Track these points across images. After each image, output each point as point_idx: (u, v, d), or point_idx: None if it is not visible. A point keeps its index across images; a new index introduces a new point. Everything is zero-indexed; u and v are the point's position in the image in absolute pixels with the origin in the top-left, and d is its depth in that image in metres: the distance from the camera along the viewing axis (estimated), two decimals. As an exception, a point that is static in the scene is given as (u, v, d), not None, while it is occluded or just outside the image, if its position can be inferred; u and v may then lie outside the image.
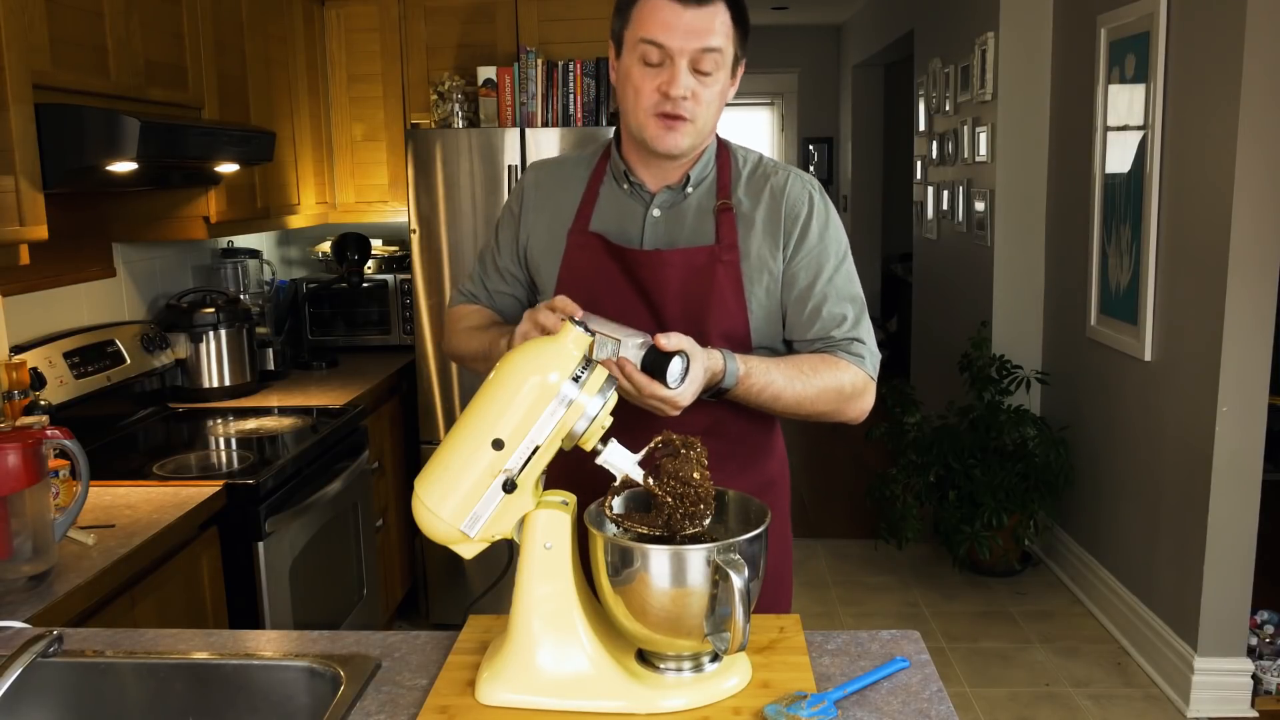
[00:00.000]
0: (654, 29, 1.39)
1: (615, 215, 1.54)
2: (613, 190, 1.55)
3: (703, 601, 1.09)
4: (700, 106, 1.42)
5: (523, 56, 3.39)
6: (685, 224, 1.51)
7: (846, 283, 1.51)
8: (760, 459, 1.60)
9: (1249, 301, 2.77)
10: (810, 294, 1.49)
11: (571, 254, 1.54)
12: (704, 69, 1.40)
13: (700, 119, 1.43)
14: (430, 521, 1.14)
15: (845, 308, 1.50)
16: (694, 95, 1.41)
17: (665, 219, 1.52)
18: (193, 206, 2.76)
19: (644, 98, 1.42)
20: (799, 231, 1.49)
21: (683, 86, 1.39)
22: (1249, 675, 2.96)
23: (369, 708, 1.17)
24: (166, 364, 2.88)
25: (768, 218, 1.50)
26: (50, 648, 1.17)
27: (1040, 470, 3.74)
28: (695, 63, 1.39)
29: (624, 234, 1.52)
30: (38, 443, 1.58)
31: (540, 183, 1.62)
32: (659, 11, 1.39)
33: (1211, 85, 2.83)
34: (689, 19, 1.38)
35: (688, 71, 1.39)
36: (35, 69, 1.94)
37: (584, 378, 1.15)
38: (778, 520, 1.61)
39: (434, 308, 3.40)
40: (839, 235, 1.53)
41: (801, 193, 1.51)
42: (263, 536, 2.22)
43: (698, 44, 1.38)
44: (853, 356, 1.49)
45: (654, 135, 1.43)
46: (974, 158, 4.48)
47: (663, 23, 1.38)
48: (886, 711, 1.14)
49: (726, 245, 1.48)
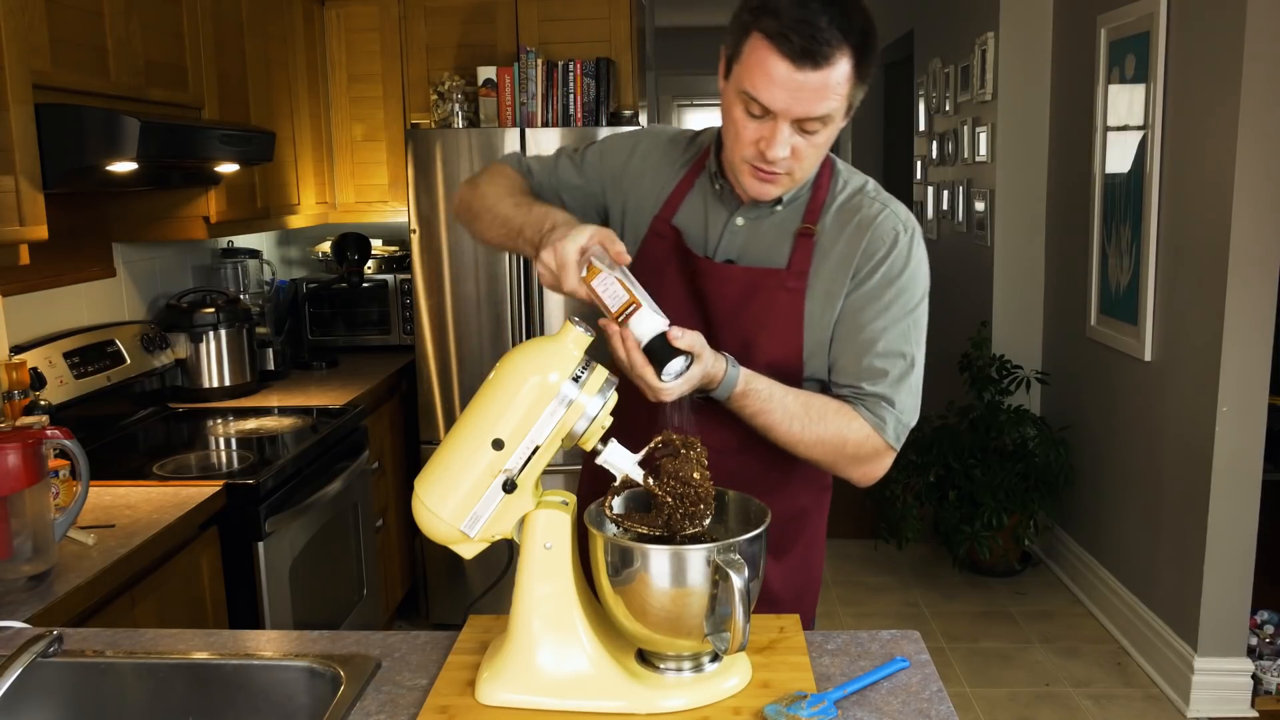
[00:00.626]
0: (759, 85, 1.25)
1: (700, 213, 1.47)
2: (704, 187, 1.47)
3: (703, 601, 1.09)
4: (801, 162, 1.32)
5: (523, 56, 3.39)
6: (763, 240, 1.43)
7: (900, 339, 1.39)
8: (792, 484, 1.50)
9: (1249, 301, 2.77)
10: (855, 338, 1.39)
11: (649, 241, 1.48)
12: (810, 129, 1.28)
13: (800, 171, 1.34)
14: (430, 521, 1.14)
15: (889, 364, 1.38)
16: (795, 153, 1.30)
17: (747, 230, 1.43)
18: (193, 206, 2.76)
19: (741, 146, 1.32)
20: (867, 270, 1.38)
21: (781, 148, 1.28)
22: (1249, 675, 2.96)
23: (369, 708, 1.17)
24: (166, 364, 2.88)
25: (845, 250, 1.40)
26: (50, 648, 1.17)
27: (1040, 470, 3.74)
28: (802, 123, 1.27)
29: (702, 235, 1.46)
30: (38, 443, 1.58)
31: (651, 154, 1.53)
32: (767, 66, 1.24)
33: (1211, 85, 2.83)
34: (800, 81, 1.23)
35: (791, 132, 1.28)
36: (35, 69, 1.94)
37: (584, 378, 1.15)
38: (803, 550, 1.55)
39: (434, 308, 3.40)
40: (912, 287, 1.40)
41: (888, 232, 1.39)
42: (263, 536, 2.21)
43: (805, 112, 1.25)
44: (874, 418, 1.38)
45: (747, 183, 1.35)
46: (974, 158, 4.48)
47: (769, 79, 1.24)
48: (886, 711, 1.14)
49: (796, 272, 1.39)
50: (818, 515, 1.59)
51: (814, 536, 1.59)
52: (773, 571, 1.50)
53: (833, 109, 1.26)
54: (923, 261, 1.42)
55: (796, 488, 1.52)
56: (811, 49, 1.22)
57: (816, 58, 1.22)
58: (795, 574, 1.55)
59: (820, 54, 1.22)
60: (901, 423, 1.40)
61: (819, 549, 1.61)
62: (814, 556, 1.60)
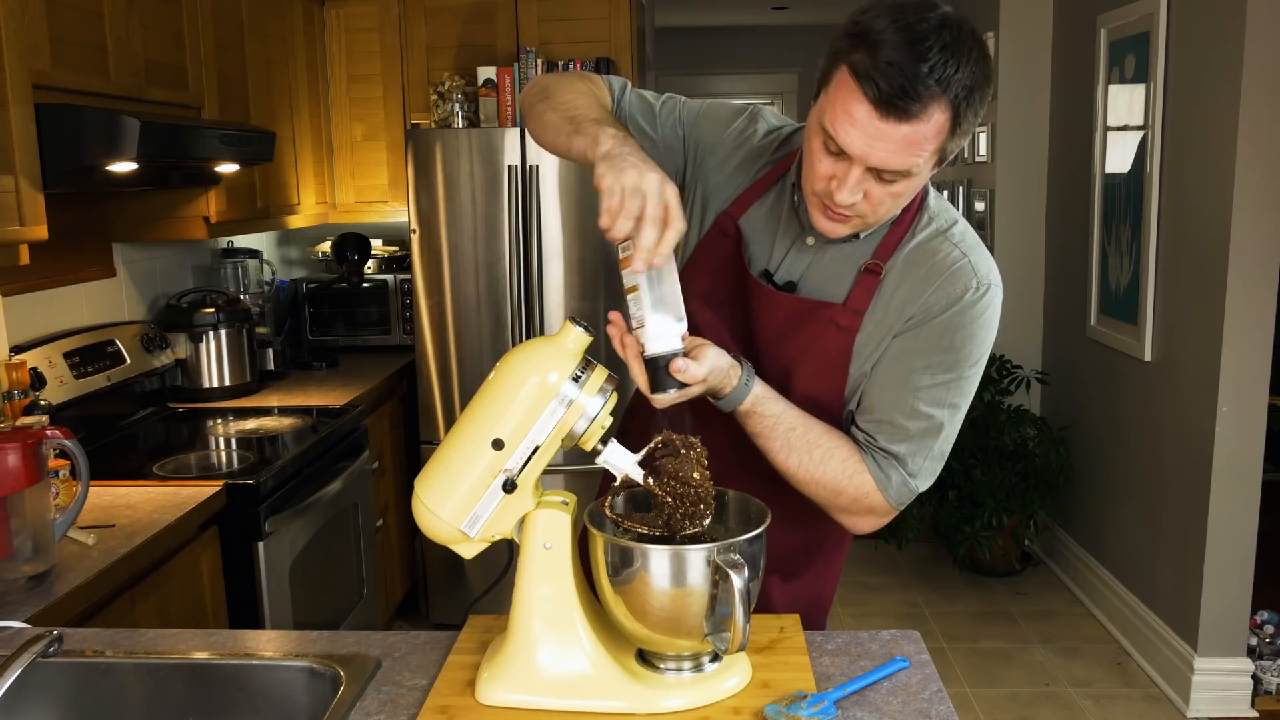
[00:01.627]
0: (838, 123, 1.13)
1: (771, 220, 1.36)
2: (782, 195, 1.36)
3: (703, 601, 1.09)
4: (876, 209, 1.20)
5: (523, 56, 3.39)
6: (828, 266, 1.32)
7: (935, 400, 1.28)
8: (814, 517, 1.36)
9: (1249, 301, 2.77)
10: (889, 384, 1.29)
11: (713, 236, 1.38)
12: (889, 179, 1.16)
13: (874, 217, 1.23)
14: (430, 521, 1.14)
15: (913, 423, 1.28)
16: (868, 198, 1.18)
17: (815, 251, 1.32)
18: (193, 206, 2.76)
19: (814, 179, 1.21)
20: (923, 317, 1.27)
21: (851, 194, 1.17)
22: (1249, 675, 2.96)
23: (369, 708, 1.17)
24: (166, 364, 2.88)
25: (907, 295, 1.28)
26: (50, 648, 1.17)
27: (1040, 470, 3.74)
28: (880, 172, 1.15)
29: (768, 244, 1.36)
30: (38, 443, 1.58)
31: (745, 138, 1.40)
32: (850, 105, 1.12)
33: (1211, 85, 2.83)
34: (882, 130, 1.11)
35: (867, 177, 1.16)
36: (35, 69, 1.94)
37: (584, 378, 1.15)
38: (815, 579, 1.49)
39: (434, 308, 3.40)
40: (968, 349, 1.28)
41: (958, 285, 1.26)
42: (263, 536, 2.21)
43: (882, 163, 1.13)
44: (880, 474, 1.29)
45: (815, 217, 1.25)
46: (974, 158, 4.48)
47: (850, 120, 1.12)
48: (886, 711, 1.14)
49: (851, 310, 1.29)
50: (836, 547, 1.52)
51: (829, 566, 1.53)
52: (778, 591, 1.46)
53: (916, 164, 1.14)
54: (990, 325, 1.29)
55: (824, 521, 1.39)
56: (899, 101, 1.09)
57: (905, 110, 1.09)
58: (802, 601, 1.48)
59: (910, 108, 1.09)
60: (908, 487, 1.30)
61: (832, 578, 1.54)
62: (826, 586, 1.53)
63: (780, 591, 1.47)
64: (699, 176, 1.42)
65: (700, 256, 1.41)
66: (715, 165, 1.41)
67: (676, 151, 1.42)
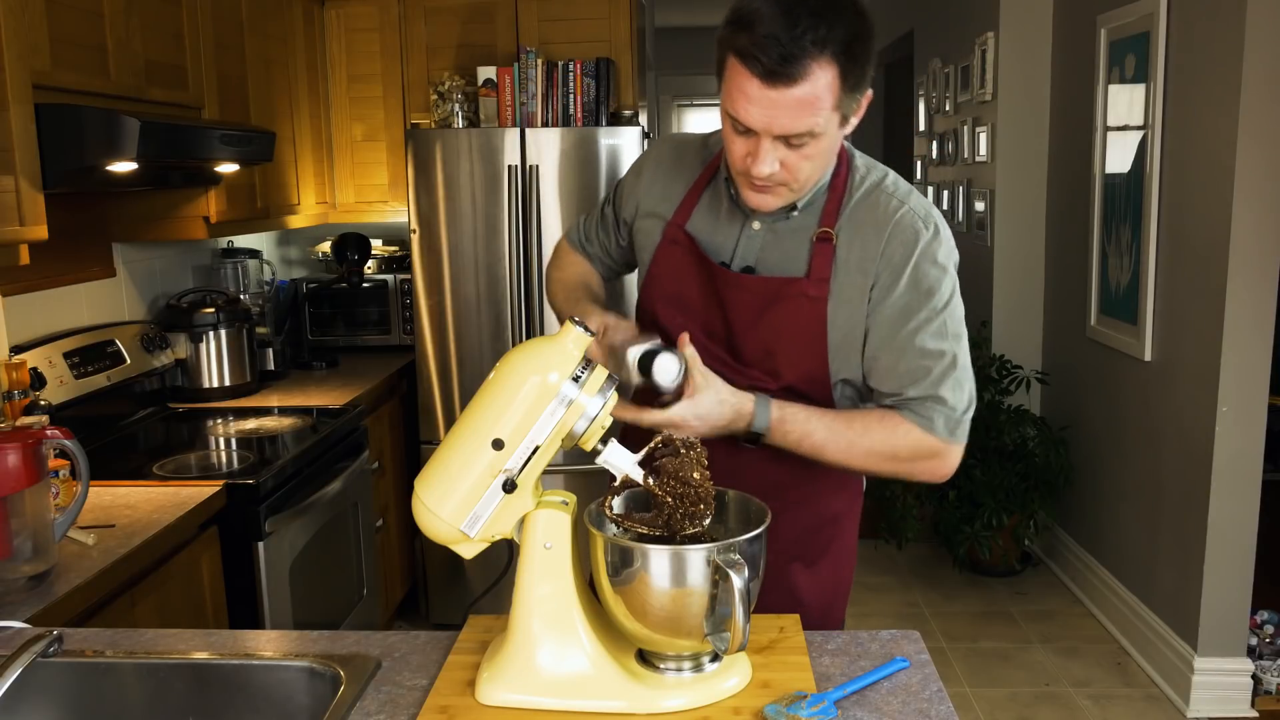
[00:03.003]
0: (736, 104, 1.23)
1: (713, 220, 1.44)
2: (718, 192, 1.44)
3: (703, 601, 1.09)
4: (795, 175, 1.28)
5: (523, 56, 3.39)
6: (781, 245, 1.39)
7: (935, 336, 1.34)
8: (825, 492, 1.48)
9: (1249, 301, 2.77)
10: (891, 347, 1.36)
11: (664, 249, 1.46)
12: (798, 143, 1.24)
13: (797, 181, 1.30)
14: (430, 521, 1.14)
15: (927, 362, 1.34)
16: (785, 164, 1.26)
17: (763, 235, 1.40)
18: (193, 206, 2.76)
19: (734, 160, 1.30)
20: (891, 276, 1.34)
21: (767, 165, 1.25)
22: (1249, 675, 2.96)
23: (369, 708, 1.17)
24: (166, 364, 2.88)
25: (864, 253, 1.35)
26: (50, 648, 1.17)
27: (1040, 470, 3.74)
28: (788, 139, 1.24)
29: (717, 241, 1.43)
30: (38, 443, 1.58)
31: (662, 161, 1.52)
32: (742, 84, 1.21)
33: (1211, 85, 2.83)
34: (774, 99, 1.19)
35: (775, 145, 1.25)
36: (35, 69, 1.94)
37: (584, 378, 1.15)
38: (832, 560, 1.53)
39: (434, 308, 3.40)
40: (941, 285, 1.35)
41: (908, 233, 1.34)
42: (263, 536, 2.21)
43: (784, 129, 1.22)
44: (921, 419, 1.35)
45: (745, 195, 1.34)
46: (974, 158, 4.48)
47: (744, 97, 1.21)
48: (886, 711, 1.14)
49: (816, 280, 1.36)
50: (850, 522, 1.56)
51: (845, 544, 1.56)
52: (801, 579, 1.49)
53: (816, 124, 1.22)
54: (950, 254, 1.37)
55: (828, 495, 1.50)
56: (780, 68, 1.17)
57: (788, 75, 1.18)
58: (825, 583, 1.53)
59: (791, 72, 1.17)
60: (953, 418, 1.36)
61: (850, 556, 1.57)
62: (844, 565, 1.56)
63: (805, 578, 1.50)
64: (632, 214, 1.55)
65: (658, 271, 1.47)
66: (644, 194, 1.52)
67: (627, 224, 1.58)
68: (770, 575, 1.36)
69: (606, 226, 1.64)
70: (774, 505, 1.17)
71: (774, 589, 1.36)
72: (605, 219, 1.64)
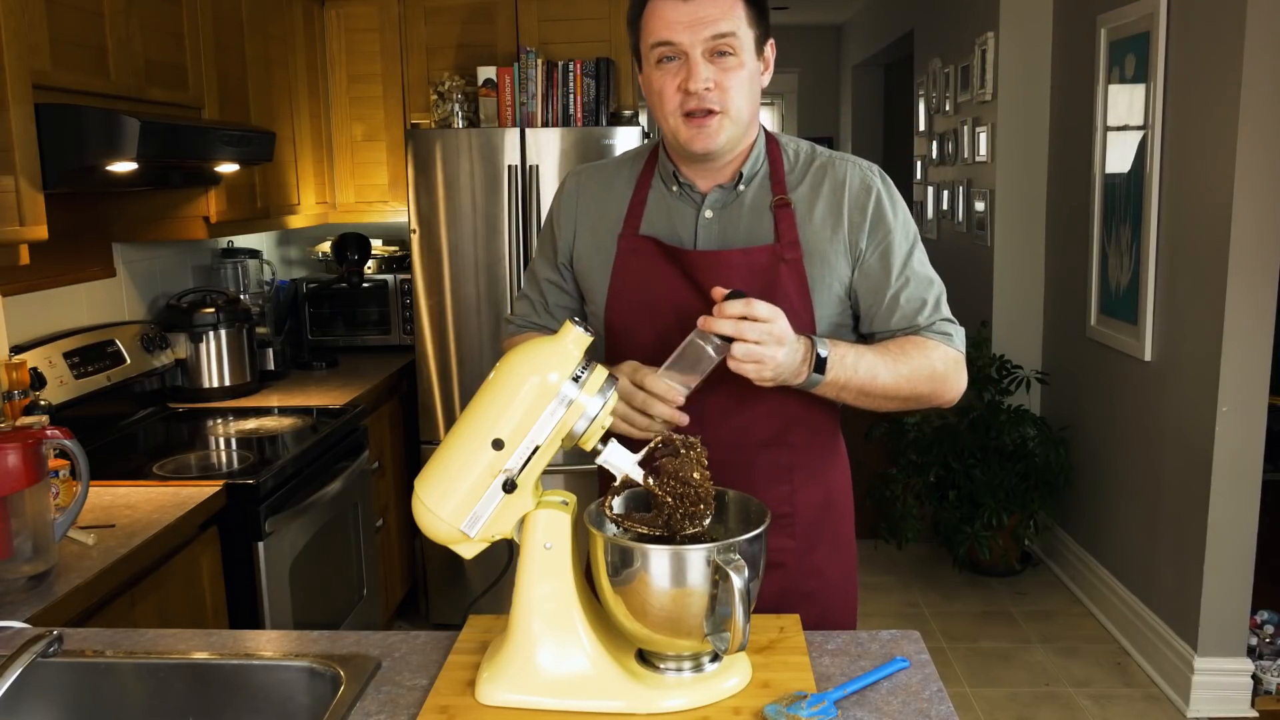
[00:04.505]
0: (661, 30, 1.37)
1: (666, 218, 1.48)
2: (662, 193, 1.50)
3: (703, 601, 1.09)
4: (727, 95, 1.37)
5: (523, 56, 3.39)
6: (741, 223, 1.45)
7: (921, 266, 1.46)
8: (827, 468, 1.54)
9: (1249, 301, 2.77)
10: (888, 284, 1.44)
11: (623, 259, 1.48)
12: (721, 51, 1.36)
13: (732, 108, 1.38)
14: (430, 521, 1.14)
15: (924, 291, 1.45)
16: (717, 84, 1.36)
17: (719, 219, 1.46)
18: (193, 206, 2.76)
19: (668, 100, 1.39)
20: (869, 223, 1.44)
21: (702, 79, 1.35)
22: (1249, 675, 2.96)
23: (369, 708, 1.17)
24: (166, 364, 2.88)
25: (829, 211, 1.44)
26: (50, 648, 1.17)
27: (1040, 470, 3.74)
28: (711, 53, 1.36)
29: (675, 237, 1.47)
30: (38, 443, 1.58)
31: (582, 189, 1.56)
32: (660, 11, 1.37)
33: (1211, 85, 2.83)
34: (691, 10, 1.35)
35: (705, 63, 1.36)
36: (35, 69, 1.94)
37: (584, 378, 1.15)
38: (843, 534, 1.57)
39: (434, 308, 3.40)
40: (907, 219, 1.47)
41: (862, 186, 1.45)
42: (263, 536, 2.21)
43: (707, 33, 1.35)
44: (940, 335, 1.45)
45: (687, 137, 1.39)
46: (974, 158, 4.48)
47: (668, 21, 1.36)
48: (886, 711, 1.14)
49: (788, 243, 1.42)
50: (847, 498, 1.60)
51: (846, 517, 1.59)
52: (819, 555, 1.52)
53: (731, 28, 1.35)
54: (897, 192, 1.48)
55: (829, 472, 1.54)
56: None
57: None
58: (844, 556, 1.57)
59: None
60: (959, 330, 1.47)
61: (851, 528, 1.60)
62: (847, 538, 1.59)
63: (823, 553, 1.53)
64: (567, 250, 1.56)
65: (619, 285, 1.48)
66: (580, 222, 1.54)
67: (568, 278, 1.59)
68: (794, 556, 1.46)
69: (564, 284, 1.59)
70: (785, 489, 1.21)
71: (799, 567, 1.48)
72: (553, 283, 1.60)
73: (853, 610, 1.59)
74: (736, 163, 1.46)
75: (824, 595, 1.52)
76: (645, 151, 1.55)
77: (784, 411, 1.45)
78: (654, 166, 1.52)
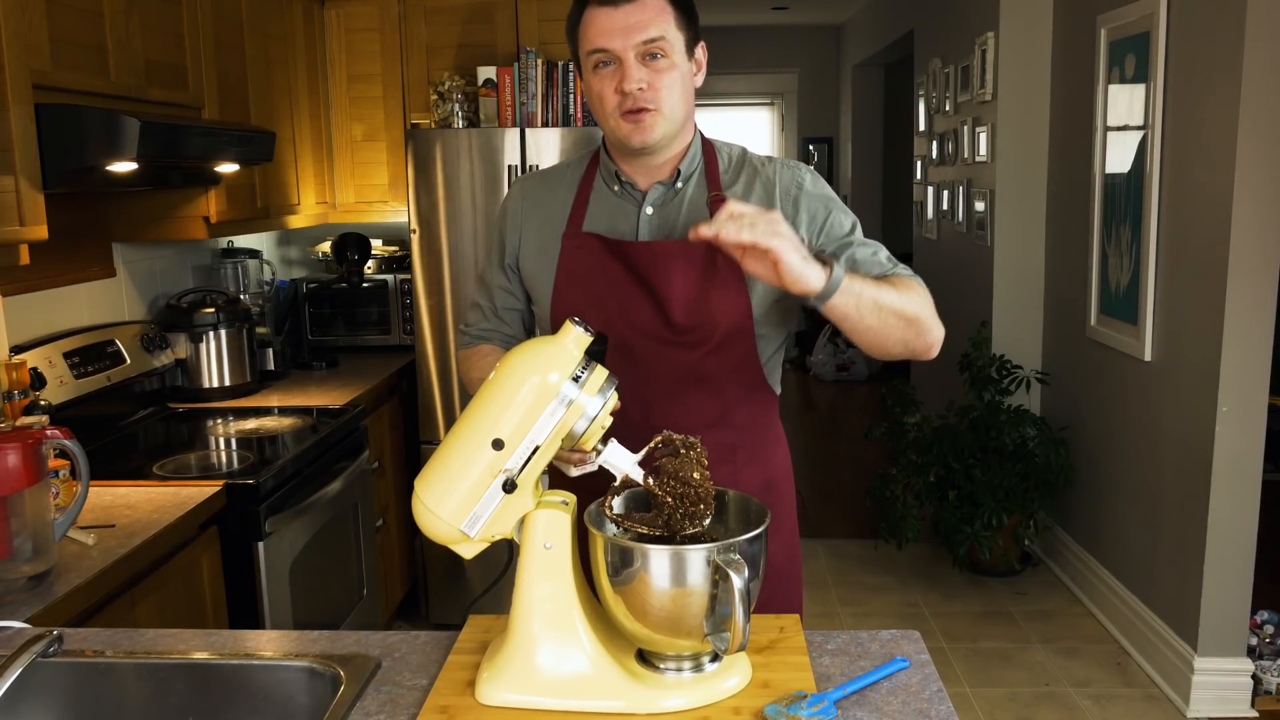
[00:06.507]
0: (596, 37, 1.45)
1: (608, 216, 1.56)
2: (604, 193, 1.57)
3: (703, 601, 1.09)
4: (660, 94, 1.45)
5: (523, 56, 3.39)
6: (680, 218, 1.53)
7: (856, 229, 1.54)
8: (767, 450, 1.61)
9: (1249, 301, 2.77)
10: (841, 252, 1.49)
11: (567, 256, 1.55)
12: (652, 53, 1.45)
13: (666, 105, 1.46)
14: (430, 521, 1.14)
15: (878, 252, 1.50)
16: (650, 84, 1.45)
17: (659, 215, 1.54)
18: (193, 206, 2.76)
19: (607, 101, 1.47)
20: (805, 214, 1.51)
21: (635, 80, 1.43)
22: (1249, 675, 2.96)
23: (369, 708, 1.17)
24: (166, 364, 2.88)
25: (762, 206, 1.47)
26: (50, 648, 1.17)
27: (1040, 470, 3.74)
28: (643, 56, 1.44)
29: (618, 234, 1.54)
30: (38, 443, 1.58)
31: (526, 194, 1.63)
32: (594, 21, 1.45)
33: (1211, 85, 2.83)
34: (622, 18, 1.43)
35: (638, 65, 1.44)
36: (35, 69, 1.94)
37: (584, 378, 1.15)
38: (785, 515, 1.63)
39: (434, 308, 3.40)
40: (842, 205, 1.55)
41: (793, 178, 1.54)
42: (263, 536, 2.22)
43: (638, 38, 1.43)
44: (907, 273, 1.49)
45: (626, 134, 1.47)
46: (974, 158, 4.48)
47: (602, 29, 1.44)
48: (886, 711, 1.14)
49: None
50: (788, 479, 1.66)
51: (788, 498, 1.65)
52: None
53: (659, 33, 1.43)
54: (827, 185, 1.58)
55: (770, 453, 1.61)
56: None
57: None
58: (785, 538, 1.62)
59: None
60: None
61: (793, 510, 1.66)
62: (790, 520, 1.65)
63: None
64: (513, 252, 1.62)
65: (566, 281, 1.54)
66: (525, 225, 1.60)
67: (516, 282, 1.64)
68: None
69: (511, 287, 1.65)
70: (726, 470, 1.27)
71: None
72: (501, 287, 1.65)
73: (798, 592, 1.66)
74: (674, 161, 1.54)
75: (768, 576, 1.53)
76: (588, 155, 1.63)
77: (723, 394, 1.52)
78: (595, 169, 1.60)
